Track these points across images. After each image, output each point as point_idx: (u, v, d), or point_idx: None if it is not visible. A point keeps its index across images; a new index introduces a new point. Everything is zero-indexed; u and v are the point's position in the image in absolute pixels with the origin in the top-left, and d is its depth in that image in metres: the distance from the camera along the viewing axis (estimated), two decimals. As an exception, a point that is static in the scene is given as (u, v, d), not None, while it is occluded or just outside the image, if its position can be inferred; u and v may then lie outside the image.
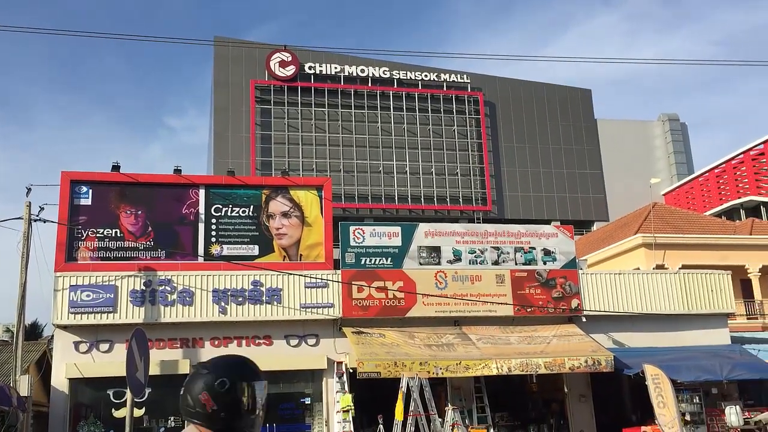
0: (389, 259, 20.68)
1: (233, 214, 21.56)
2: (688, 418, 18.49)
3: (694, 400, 19.23)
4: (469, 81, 54.35)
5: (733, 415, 17.11)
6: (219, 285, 19.66)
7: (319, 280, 20.09)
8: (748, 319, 28.31)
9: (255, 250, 21.40)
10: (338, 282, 20.12)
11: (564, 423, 21.07)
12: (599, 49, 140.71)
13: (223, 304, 19.53)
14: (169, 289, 19.36)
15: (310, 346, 20.03)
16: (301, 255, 21.70)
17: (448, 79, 53.91)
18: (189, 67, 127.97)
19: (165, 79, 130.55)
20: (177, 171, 21.42)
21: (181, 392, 2.89)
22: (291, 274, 20.06)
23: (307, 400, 19.89)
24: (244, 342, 19.72)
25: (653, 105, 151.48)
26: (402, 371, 17.71)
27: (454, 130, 53.31)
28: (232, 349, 19.59)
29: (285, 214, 21.88)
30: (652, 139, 73.22)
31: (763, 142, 58.96)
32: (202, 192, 21.51)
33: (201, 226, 21.22)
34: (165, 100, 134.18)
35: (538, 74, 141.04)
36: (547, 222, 41.23)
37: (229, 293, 19.62)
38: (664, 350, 20.85)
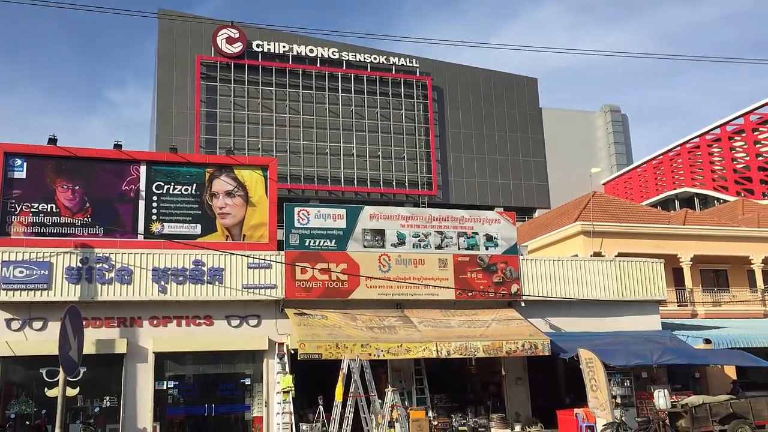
0: (333, 241, 20.67)
1: (175, 192, 21.17)
2: (618, 400, 19.11)
3: (625, 384, 19.88)
4: (417, 65, 54.48)
5: (661, 398, 17.75)
6: (159, 264, 19.32)
7: (262, 261, 19.95)
8: (678, 306, 29.36)
9: (197, 229, 21.08)
10: (281, 263, 20.02)
11: (500, 405, 21.54)
12: (545, 39, 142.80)
13: (162, 283, 19.21)
14: (106, 266, 18.93)
15: (252, 326, 19.91)
16: (244, 235, 21.49)
17: (397, 63, 53.91)
18: (132, 39, 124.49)
19: (106, 51, 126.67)
20: (117, 146, 20.88)
21: None
22: (233, 254, 19.85)
23: (247, 381, 19.80)
24: (183, 322, 19.47)
25: (596, 96, 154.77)
26: (343, 353, 17.79)
27: (401, 114, 53.42)
28: (172, 329, 19.33)
29: (229, 194, 21.61)
30: (594, 130, 74.89)
31: (699, 136, 61.00)
32: (143, 168, 21.04)
33: (141, 204, 20.77)
34: (106, 73, 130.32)
35: (486, 62, 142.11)
36: (491, 208, 41.84)
37: (169, 272, 19.31)
38: (598, 335, 21.48)
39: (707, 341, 23.17)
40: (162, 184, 21.12)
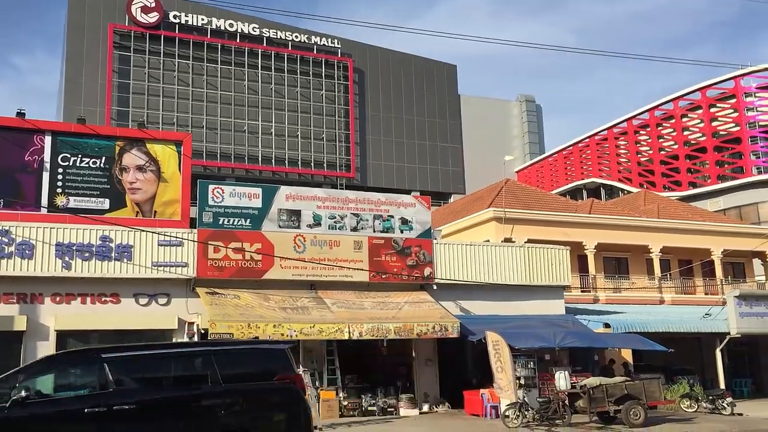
0: (248, 220, 20.43)
1: (83, 164, 20.39)
2: (522, 381, 19.80)
3: (529, 365, 20.61)
4: (339, 46, 54.18)
5: (561, 379, 18.50)
6: (63, 238, 18.59)
7: (174, 239, 19.51)
8: (582, 291, 30.59)
9: (105, 203, 20.41)
10: (194, 241, 19.64)
11: (410, 386, 21.95)
12: (466, 26, 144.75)
13: (67, 258, 18.51)
14: (6, 240, 18.07)
15: (161, 305, 19.48)
16: (155, 212, 20.96)
17: (318, 43, 53.43)
18: (41, 3, 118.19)
19: (12, 13, 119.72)
20: (20, 114, 19.89)
21: None
22: (143, 230, 19.32)
23: (155, 361, 19.38)
24: (89, 299, 18.84)
25: (512, 85, 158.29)
26: (255, 333, 17.68)
27: (322, 95, 53.08)
28: (76, 306, 18.69)
29: (140, 168, 20.99)
30: (509, 118, 76.74)
31: (607, 129, 63.53)
32: (48, 139, 20.16)
33: (45, 176, 19.93)
34: (12, 37, 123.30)
35: (408, 46, 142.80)
36: (408, 192, 42.27)
37: (74, 248, 18.61)
38: (506, 318, 22.17)
39: (607, 325, 24.30)
40: (68, 156, 20.30)
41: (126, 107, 46.94)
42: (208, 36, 49.69)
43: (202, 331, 18.92)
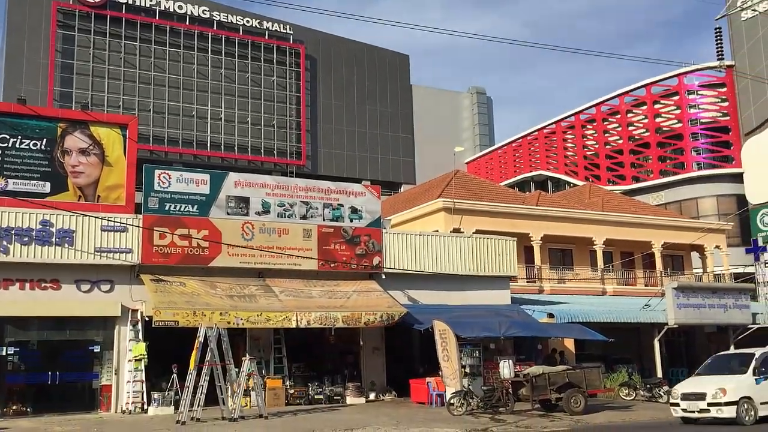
0: (195, 206, 20.11)
1: (22, 146, 19.75)
2: (467, 370, 20.10)
3: (474, 354, 20.92)
4: (291, 33, 53.59)
5: (505, 368, 18.82)
6: (1, 222, 17.99)
7: (118, 224, 19.08)
8: (527, 282, 31.12)
9: (46, 187, 19.84)
10: (139, 227, 19.25)
11: (357, 374, 22.03)
12: (419, 16, 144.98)
13: (5, 243, 17.93)
14: (-60, 223, 17.38)
15: (104, 292, 19.06)
16: (99, 196, 20.48)
17: (270, 28, 52.75)
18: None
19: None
20: (-44, 93, 19.11)
21: None
22: (86, 215, 18.82)
23: (97, 348, 19.00)
24: (27, 285, 18.30)
25: (464, 77, 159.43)
26: (201, 321, 17.45)
27: (273, 81, 52.48)
28: (14, 292, 18.13)
29: (83, 152, 20.45)
30: (460, 110, 77.32)
31: (555, 122, 64.59)
32: (-14, 119, 19.42)
33: (-17, 157, 19.20)
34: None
35: (361, 35, 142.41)
36: (358, 181, 42.21)
37: (12, 232, 18.03)
38: (453, 308, 22.41)
39: (551, 315, 24.79)
40: (7, 137, 19.64)
41: (69, 88, 45.51)
42: (156, 17, 48.52)
43: (146, 319, 18.59)
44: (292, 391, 20.23)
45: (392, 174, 57.57)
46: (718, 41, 24.04)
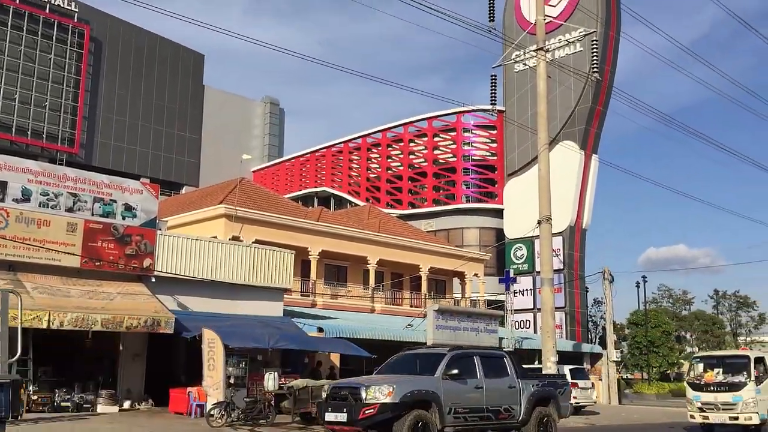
0: (-61, 185, 17.79)
1: None
2: (232, 380, 19.81)
3: (241, 365, 20.66)
4: (77, 10, 49.80)
5: (270, 380, 18.86)
6: None
7: None
8: (301, 295, 31.57)
9: None
10: None
11: (113, 381, 20.77)
12: (218, 17, 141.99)
13: None
14: None
15: None
16: None
17: (52, 2, 48.55)
18: None
19: None
20: None
21: None
22: None
23: None
24: None
25: (259, 86, 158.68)
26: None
27: (50, 59, 48.25)
28: None
29: None
30: (252, 118, 76.69)
31: (344, 142, 66.52)
32: None
33: None
34: None
35: (156, 25, 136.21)
36: (137, 177, 40.02)
37: None
38: (225, 317, 22.03)
39: (320, 330, 25.34)
40: None
41: None
42: None
43: None
44: (35, 398, 18.53)
45: (174, 173, 55.49)
46: (493, 87, 26.32)
